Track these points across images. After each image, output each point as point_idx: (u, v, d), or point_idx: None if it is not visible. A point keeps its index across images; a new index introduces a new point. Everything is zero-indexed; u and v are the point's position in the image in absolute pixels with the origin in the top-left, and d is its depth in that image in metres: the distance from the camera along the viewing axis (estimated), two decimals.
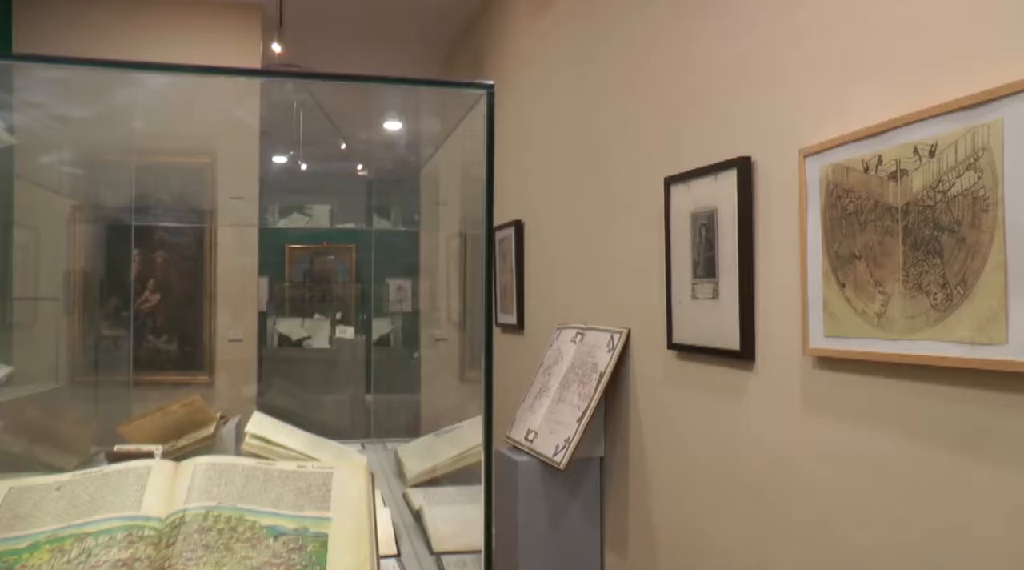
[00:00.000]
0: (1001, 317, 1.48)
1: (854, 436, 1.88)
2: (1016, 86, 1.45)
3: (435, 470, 2.19)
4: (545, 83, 3.94)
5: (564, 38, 3.69)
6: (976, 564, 1.57)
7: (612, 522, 3.09)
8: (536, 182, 4.05)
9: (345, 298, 8.43)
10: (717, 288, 2.37)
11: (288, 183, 7.06)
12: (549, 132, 3.87)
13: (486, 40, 5.06)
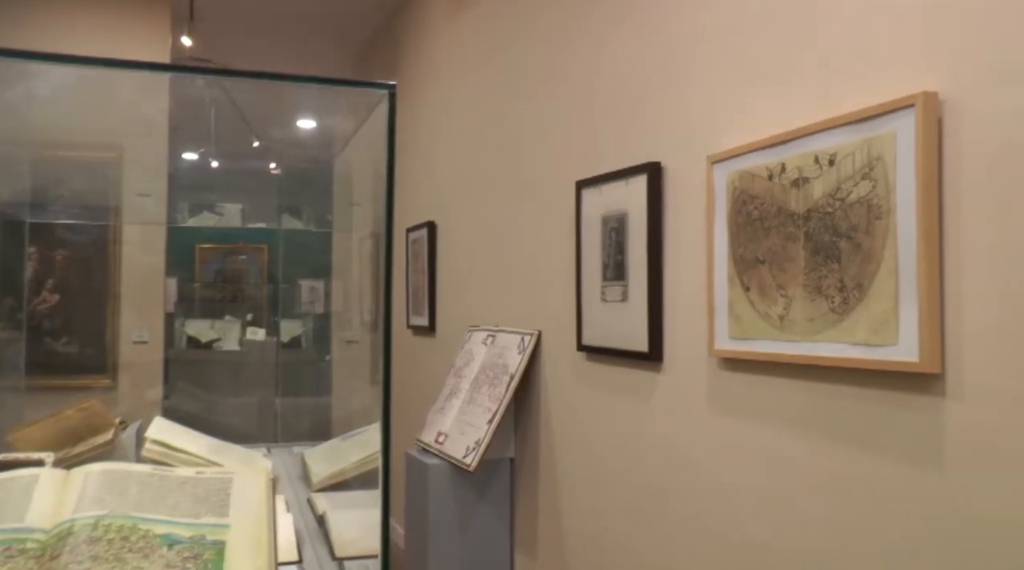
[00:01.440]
0: (892, 319, 1.52)
1: (758, 435, 1.91)
2: (907, 100, 1.49)
3: (341, 474, 2.14)
4: (460, 84, 3.92)
5: (479, 40, 3.67)
6: (872, 557, 1.61)
7: (522, 523, 3.08)
8: (450, 183, 4.03)
9: (257, 299, 8.22)
10: (626, 290, 2.38)
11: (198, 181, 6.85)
12: (463, 133, 3.85)
13: (402, 39, 5.00)
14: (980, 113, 1.41)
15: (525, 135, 3.15)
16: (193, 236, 7.76)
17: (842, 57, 1.69)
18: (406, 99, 4.80)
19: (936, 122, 1.47)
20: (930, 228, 1.46)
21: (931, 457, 1.49)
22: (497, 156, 3.43)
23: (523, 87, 3.18)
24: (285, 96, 4.55)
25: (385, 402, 1.38)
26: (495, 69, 3.47)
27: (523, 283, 3.15)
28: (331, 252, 6.59)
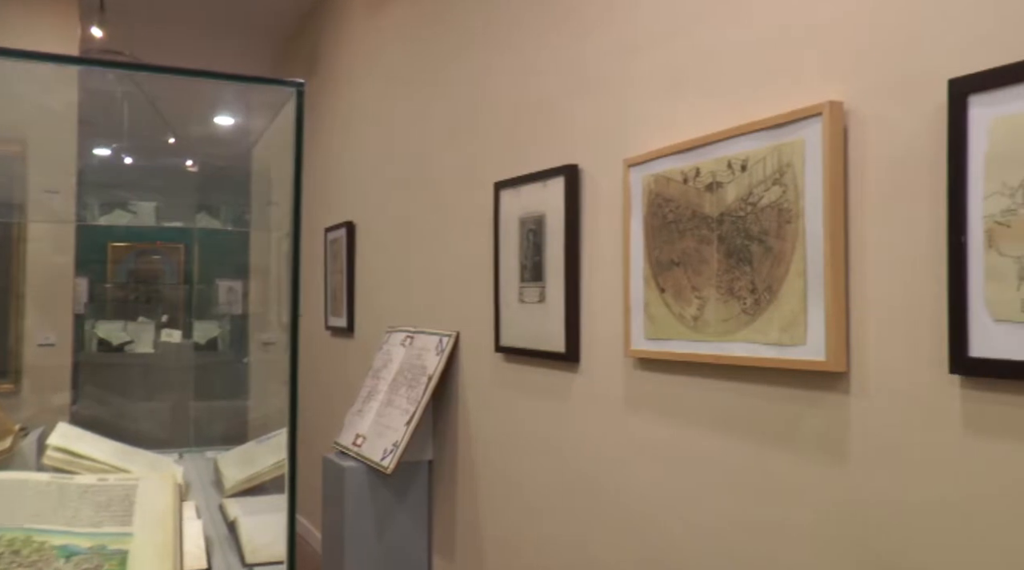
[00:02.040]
0: (801, 320, 1.55)
1: (673, 433, 1.93)
2: (814, 109, 1.53)
3: (254, 478, 2.08)
4: (379, 83, 3.86)
5: (399, 39, 3.63)
6: (782, 549, 1.64)
7: (440, 525, 3.05)
8: (369, 182, 3.97)
9: (172, 300, 7.95)
10: (544, 292, 2.38)
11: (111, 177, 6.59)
12: (383, 132, 3.80)
13: (322, 37, 4.91)
14: (881, 122, 1.45)
15: (444, 135, 3.12)
16: (106, 235, 7.46)
17: (754, 66, 1.72)
18: (325, 97, 4.72)
19: (841, 130, 1.51)
20: (836, 232, 1.50)
21: (836, 451, 1.52)
22: (416, 156, 3.39)
23: (443, 88, 3.15)
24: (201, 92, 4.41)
25: (292, 406, 1.34)
26: (415, 69, 3.43)
27: (442, 284, 3.12)
28: (249, 252, 6.43)
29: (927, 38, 1.38)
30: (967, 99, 1.29)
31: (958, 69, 1.32)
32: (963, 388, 1.32)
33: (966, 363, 1.29)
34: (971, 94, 1.29)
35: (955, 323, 1.30)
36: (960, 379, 1.32)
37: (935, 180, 1.36)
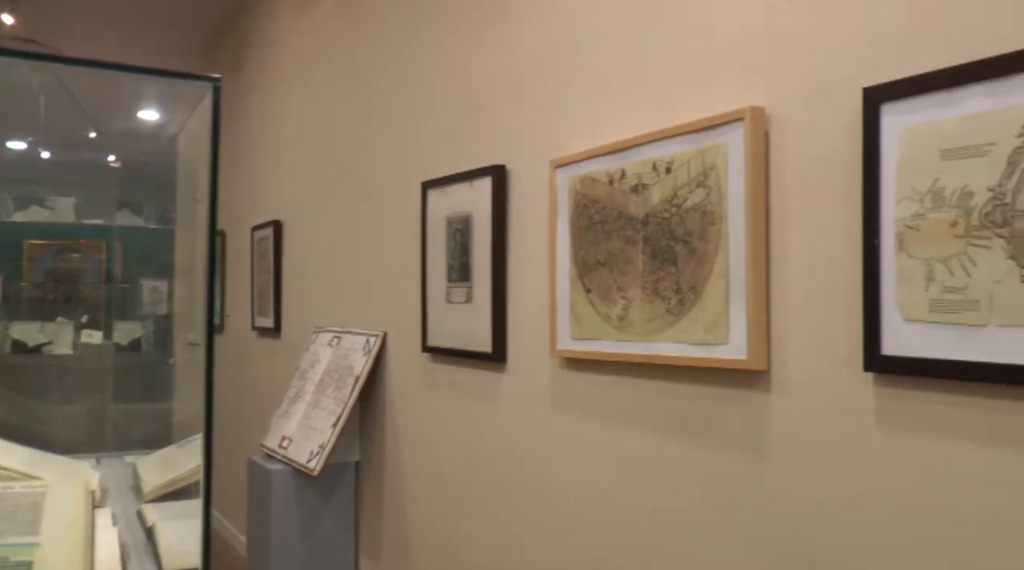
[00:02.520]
0: (724, 320, 1.57)
1: (599, 432, 1.93)
2: (737, 114, 1.54)
3: (175, 483, 2.01)
4: (307, 80, 3.79)
5: (327, 35, 3.56)
6: (706, 545, 1.66)
7: (367, 527, 3.01)
8: (296, 181, 3.89)
9: (93, 300, 7.66)
10: (471, 292, 2.36)
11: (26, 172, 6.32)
12: (311, 131, 3.73)
13: (250, 31, 4.79)
14: (801, 127, 1.48)
15: (372, 134, 3.08)
16: (22, 232, 7.14)
17: (679, 71, 1.73)
18: (253, 92, 4.61)
19: (763, 135, 1.53)
20: (757, 234, 1.52)
21: (757, 448, 1.54)
22: (344, 155, 3.33)
23: (370, 86, 3.11)
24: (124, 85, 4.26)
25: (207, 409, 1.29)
26: (342, 66, 3.38)
27: (370, 284, 3.07)
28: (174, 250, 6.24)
29: (844, 47, 1.41)
30: (880, 108, 1.32)
31: (872, 78, 1.35)
32: (876, 385, 1.34)
33: (879, 361, 1.31)
34: (884, 103, 1.31)
35: (869, 323, 1.33)
36: (873, 376, 1.35)
37: (851, 185, 1.38)
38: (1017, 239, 1.14)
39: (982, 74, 1.18)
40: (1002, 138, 1.16)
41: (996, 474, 1.18)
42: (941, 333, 1.23)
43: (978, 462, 1.20)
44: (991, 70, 1.17)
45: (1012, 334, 1.15)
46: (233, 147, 4.86)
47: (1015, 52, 1.15)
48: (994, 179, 1.17)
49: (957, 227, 1.21)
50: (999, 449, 1.18)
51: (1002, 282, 1.16)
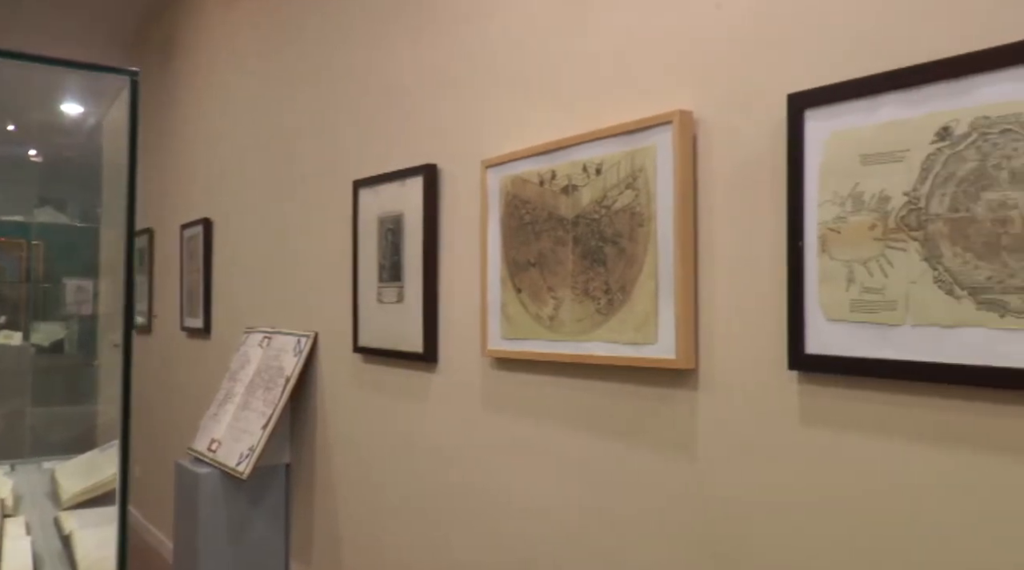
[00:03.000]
0: (653, 320, 1.57)
1: (530, 432, 1.92)
2: (665, 117, 1.55)
3: (95, 489, 1.93)
4: (238, 77, 3.69)
5: (257, 31, 3.48)
6: (637, 542, 1.66)
7: (297, 529, 2.94)
8: (226, 179, 3.78)
9: (12, 300, 7.36)
10: (402, 292, 2.33)
11: None
12: (240, 127, 3.63)
13: (177, 26, 4.65)
14: (728, 131, 1.49)
15: (303, 132, 3.01)
16: None
17: (610, 74, 1.73)
18: (181, 87, 4.48)
19: (691, 138, 1.53)
20: (685, 235, 1.52)
21: (686, 446, 1.55)
22: (275, 152, 3.26)
23: (301, 83, 3.04)
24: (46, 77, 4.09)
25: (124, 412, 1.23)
26: (273, 62, 3.30)
27: (301, 283, 3.01)
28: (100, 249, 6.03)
29: (770, 54, 1.42)
30: (804, 113, 1.33)
31: (796, 85, 1.37)
32: (800, 383, 1.36)
33: (803, 360, 1.33)
34: (808, 108, 1.33)
35: (793, 322, 1.34)
36: (797, 375, 1.36)
37: (776, 188, 1.40)
38: (931, 242, 1.17)
39: (898, 83, 1.21)
40: (916, 145, 1.19)
41: (914, 468, 1.21)
42: (861, 332, 1.25)
43: (897, 457, 1.23)
44: (906, 79, 1.20)
45: (926, 333, 1.17)
46: (162, 143, 4.72)
47: (928, 63, 1.17)
48: (909, 184, 1.19)
49: (876, 230, 1.23)
50: (916, 444, 1.20)
51: (917, 283, 1.18)
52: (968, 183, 1.13)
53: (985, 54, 1.11)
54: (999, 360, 1.10)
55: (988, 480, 1.12)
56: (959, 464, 1.16)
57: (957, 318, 1.14)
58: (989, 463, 1.12)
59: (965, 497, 1.15)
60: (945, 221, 1.15)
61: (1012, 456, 1.10)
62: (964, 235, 1.13)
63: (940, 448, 1.18)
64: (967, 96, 1.13)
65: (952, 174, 1.15)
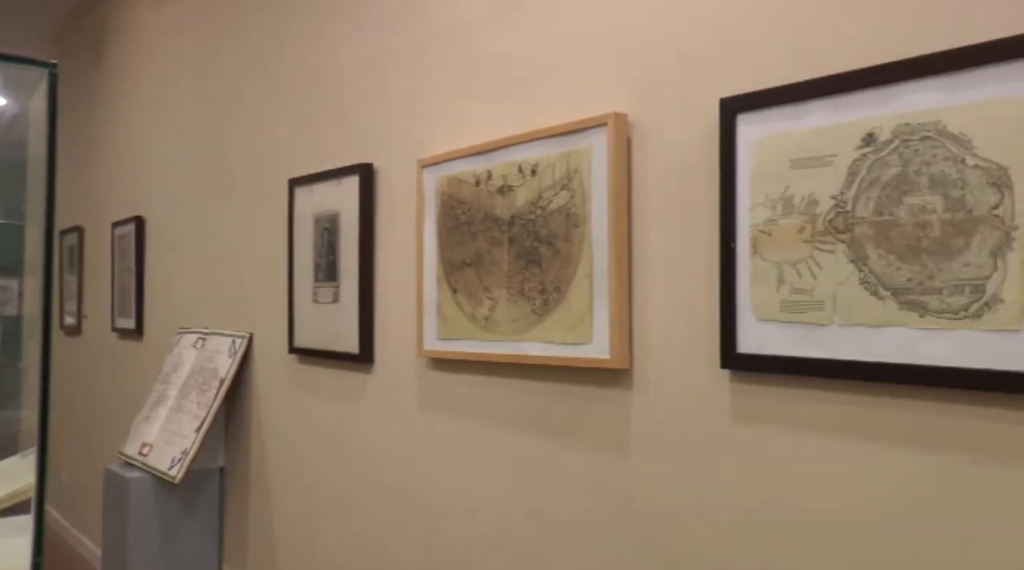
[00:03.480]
0: (587, 320, 1.56)
1: (466, 432, 1.90)
2: (600, 119, 1.54)
3: (14, 497, 1.85)
4: (170, 72, 3.58)
5: (192, 28, 3.38)
6: (573, 541, 1.65)
7: (232, 533, 2.87)
8: (161, 176, 3.67)
9: None
10: (338, 292, 2.28)
11: None
12: (175, 124, 3.53)
13: (108, 18, 4.49)
14: (663, 134, 1.49)
15: (239, 129, 2.94)
16: None
17: (546, 75, 1.72)
18: (111, 82, 4.33)
19: (625, 140, 1.53)
20: (620, 236, 1.52)
21: (620, 444, 1.55)
22: (209, 149, 3.17)
23: (236, 80, 2.97)
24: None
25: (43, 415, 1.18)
26: (207, 60, 3.21)
27: (236, 283, 2.93)
28: (25, 247, 5.80)
29: (704, 59, 1.42)
30: (736, 118, 1.34)
31: (729, 90, 1.37)
32: (732, 382, 1.37)
33: (735, 359, 1.34)
34: (739, 113, 1.33)
35: (725, 322, 1.34)
36: (730, 374, 1.37)
37: (709, 190, 1.40)
38: (857, 244, 1.18)
39: (825, 90, 1.22)
40: (843, 150, 1.20)
41: (841, 464, 1.22)
42: (791, 332, 1.26)
43: (825, 453, 1.24)
44: (833, 87, 1.21)
45: (852, 333, 1.19)
46: (92, 139, 4.56)
47: (854, 71, 1.19)
48: (837, 188, 1.21)
49: (805, 232, 1.24)
50: (844, 440, 1.22)
51: (844, 284, 1.20)
52: (891, 188, 1.14)
53: (906, 64, 1.13)
54: (920, 359, 1.12)
55: (908, 474, 1.14)
56: (884, 459, 1.17)
57: (881, 318, 1.16)
58: (911, 458, 1.14)
59: (889, 490, 1.17)
60: (870, 224, 1.17)
61: (931, 451, 1.12)
62: (888, 238, 1.15)
63: (866, 444, 1.19)
64: (890, 104, 1.15)
65: (877, 179, 1.16)
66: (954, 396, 1.10)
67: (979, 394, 1.08)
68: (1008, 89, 1.04)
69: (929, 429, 1.13)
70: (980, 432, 1.08)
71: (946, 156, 1.09)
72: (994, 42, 1.05)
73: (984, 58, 1.06)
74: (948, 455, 1.11)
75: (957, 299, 1.08)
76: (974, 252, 1.07)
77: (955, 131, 1.09)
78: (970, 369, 1.07)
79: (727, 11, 1.39)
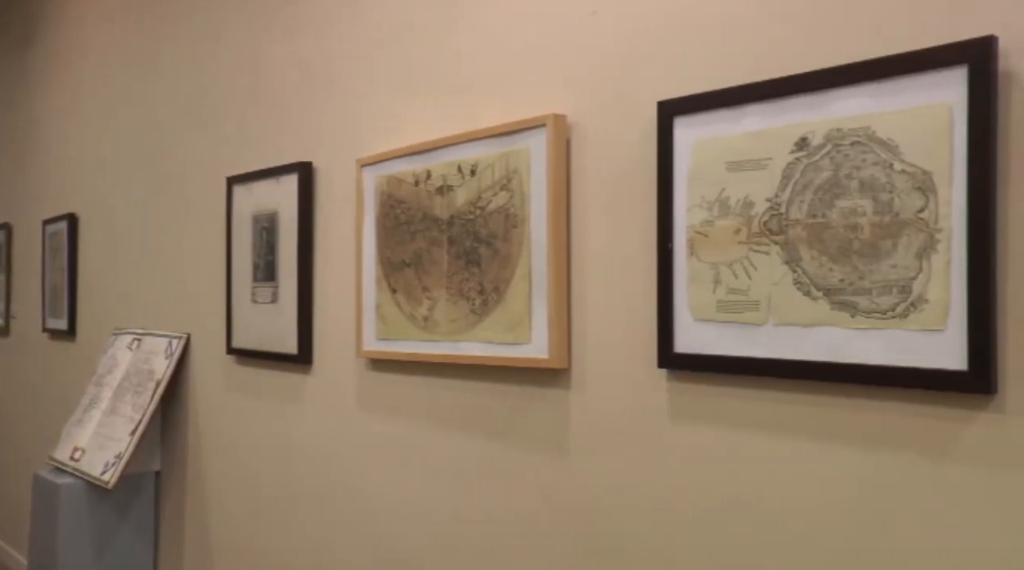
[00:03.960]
0: (526, 320, 1.55)
1: (406, 433, 1.87)
2: (539, 120, 1.53)
3: None
4: (105, 67, 3.46)
5: (126, 20, 3.27)
6: (513, 541, 1.63)
7: (167, 539, 2.79)
8: (94, 172, 3.54)
9: None
10: (277, 292, 2.23)
11: None
12: (110, 121, 3.41)
13: (36, 11, 4.32)
14: (601, 135, 1.48)
15: (176, 126, 2.85)
16: None
17: (486, 75, 1.70)
18: (42, 75, 4.17)
19: (564, 142, 1.52)
20: (559, 237, 1.51)
21: (559, 444, 1.54)
22: (145, 147, 3.07)
23: (172, 76, 2.88)
24: None
25: None
26: (143, 55, 3.11)
27: (173, 282, 2.85)
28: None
29: (642, 61, 1.42)
30: (673, 120, 1.34)
31: (666, 93, 1.37)
32: (669, 381, 1.37)
33: (672, 358, 1.34)
34: (676, 116, 1.33)
35: (663, 322, 1.35)
36: (667, 373, 1.37)
37: (647, 191, 1.40)
38: (791, 246, 1.19)
39: (761, 94, 1.23)
40: (777, 154, 1.21)
41: (776, 461, 1.23)
42: (727, 331, 1.27)
43: (760, 450, 1.25)
44: (768, 91, 1.22)
45: (787, 332, 1.20)
46: (24, 135, 4.38)
47: (788, 76, 1.20)
48: (771, 191, 1.21)
49: (740, 234, 1.25)
50: (778, 438, 1.23)
51: (778, 284, 1.20)
52: (823, 191, 1.15)
53: (837, 71, 1.14)
54: (850, 357, 1.13)
55: (841, 470, 1.16)
56: (817, 455, 1.19)
57: (814, 318, 1.17)
58: (843, 455, 1.16)
59: (822, 486, 1.18)
60: (803, 226, 1.18)
61: (862, 448, 1.14)
62: (820, 239, 1.16)
63: (800, 441, 1.20)
64: (822, 109, 1.16)
65: (810, 182, 1.17)
66: (884, 394, 1.12)
67: (907, 391, 1.10)
68: (929, 97, 1.06)
69: (860, 426, 1.14)
70: (907, 429, 1.10)
71: (875, 161, 1.11)
72: (916, 52, 1.07)
73: (907, 67, 1.08)
74: (878, 452, 1.12)
75: (885, 299, 1.10)
76: (901, 254, 1.08)
77: (883, 137, 1.10)
78: (898, 367, 1.08)
79: (665, 14, 1.39)
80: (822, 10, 1.19)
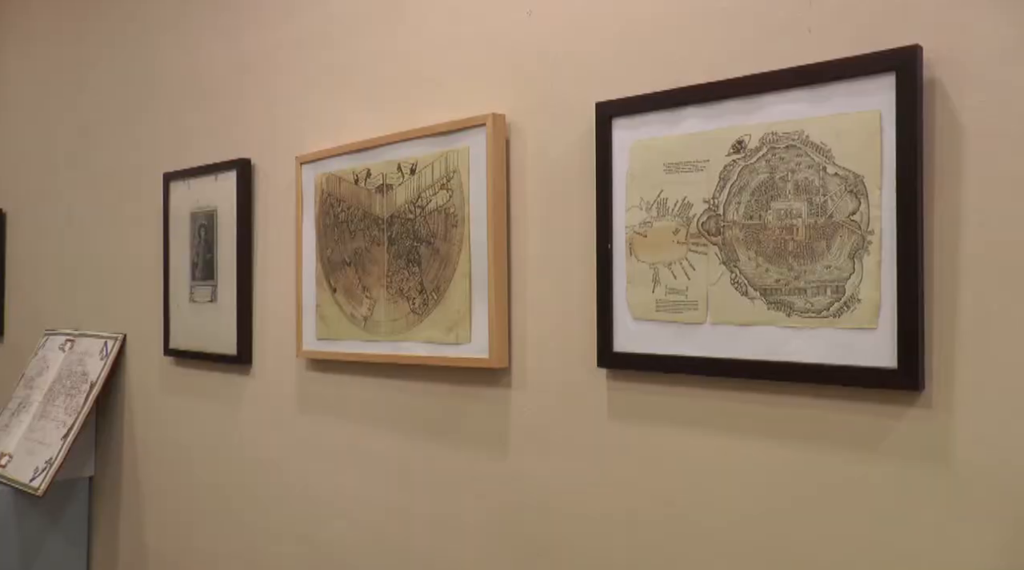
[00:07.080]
0: (466, 320, 1.52)
1: (345, 433, 1.83)
2: (479, 119, 1.50)
3: None
4: (33, 60, 3.32)
5: (56, 13, 3.13)
6: (451, 542, 1.61)
7: (101, 546, 2.68)
8: (23, 168, 3.39)
9: None
10: (216, 291, 2.16)
11: None
12: (39, 114, 3.26)
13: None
14: (541, 136, 1.46)
15: (110, 119, 2.74)
16: None
17: (426, 74, 1.66)
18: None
19: (504, 141, 1.50)
20: (499, 237, 1.48)
21: (499, 444, 1.52)
22: (78, 139, 2.95)
23: (105, 69, 2.77)
24: None
25: None
26: (74, 47, 2.98)
27: (108, 281, 2.74)
28: None
29: (580, 63, 1.40)
30: (612, 122, 1.33)
31: (605, 94, 1.36)
32: (609, 379, 1.36)
33: (611, 357, 1.33)
34: (615, 117, 1.32)
35: (602, 322, 1.33)
36: (607, 372, 1.36)
37: (587, 192, 1.39)
38: (728, 246, 1.19)
39: (698, 98, 1.22)
40: (714, 156, 1.20)
41: (715, 458, 1.23)
42: (666, 331, 1.26)
43: (699, 448, 1.25)
44: (705, 94, 1.21)
45: (724, 331, 1.19)
46: None
47: (725, 80, 1.20)
48: (709, 192, 1.21)
49: (679, 234, 1.24)
50: (718, 435, 1.23)
51: (716, 284, 1.20)
52: (760, 193, 1.15)
53: (773, 75, 1.14)
54: (786, 355, 1.13)
55: (780, 466, 1.16)
56: (756, 452, 1.19)
57: (751, 317, 1.17)
58: (781, 451, 1.16)
59: (762, 482, 1.18)
60: (740, 227, 1.17)
61: (800, 444, 1.14)
62: (757, 241, 1.16)
63: (739, 438, 1.20)
64: (758, 113, 1.16)
65: (746, 184, 1.17)
66: (819, 391, 1.12)
67: (841, 389, 1.10)
68: (860, 103, 1.07)
69: (796, 423, 1.15)
70: (841, 425, 1.10)
71: (809, 164, 1.11)
72: (847, 59, 1.08)
73: (839, 73, 1.08)
74: (814, 448, 1.13)
75: (820, 299, 1.10)
76: (835, 255, 1.09)
77: (817, 141, 1.10)
78: (832, 365, 1.09)
79: (602, 16, 1.37)
80: (759, 14, 1.19)
